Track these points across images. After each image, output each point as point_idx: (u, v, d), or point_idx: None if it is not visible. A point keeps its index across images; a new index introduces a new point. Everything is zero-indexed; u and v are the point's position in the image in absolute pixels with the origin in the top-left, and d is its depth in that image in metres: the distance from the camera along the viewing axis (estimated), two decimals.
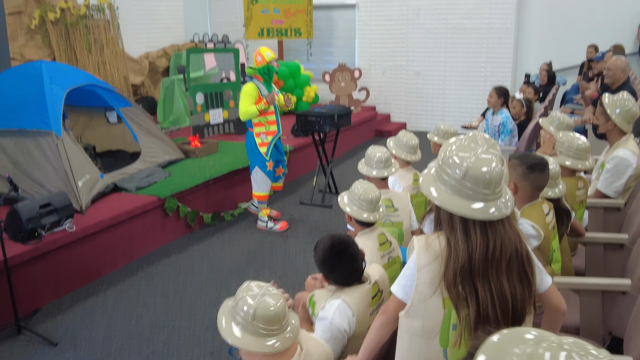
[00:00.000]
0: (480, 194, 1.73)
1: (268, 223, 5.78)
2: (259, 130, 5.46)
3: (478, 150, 1.77)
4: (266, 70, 5.37)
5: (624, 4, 9.27)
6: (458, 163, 1.74)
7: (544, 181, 2.73)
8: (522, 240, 1.84)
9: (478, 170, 1.72)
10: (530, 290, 1.83)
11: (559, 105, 8.97)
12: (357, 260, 2.46)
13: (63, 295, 4.43)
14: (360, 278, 2.49)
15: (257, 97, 5.32)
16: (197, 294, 4.46)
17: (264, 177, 5.59)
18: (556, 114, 4.10)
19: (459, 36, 10.06)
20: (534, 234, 2.61)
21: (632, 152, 3.71)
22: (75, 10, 8.15)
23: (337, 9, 11.08)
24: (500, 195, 1.77)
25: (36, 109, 5.17)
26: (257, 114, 5.32)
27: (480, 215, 1.73)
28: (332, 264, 2.44)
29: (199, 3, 12.04)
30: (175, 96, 8.88)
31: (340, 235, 2.51)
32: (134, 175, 5.67)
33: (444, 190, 1.78)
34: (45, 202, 4.39)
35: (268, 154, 5.50)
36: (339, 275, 2.46)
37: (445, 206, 1.77)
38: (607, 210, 3.69)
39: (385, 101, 10.99)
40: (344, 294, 2.41)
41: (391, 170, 3.62)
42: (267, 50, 5.44)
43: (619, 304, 2.71)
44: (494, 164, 1.74)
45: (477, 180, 1.72)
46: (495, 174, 1.73)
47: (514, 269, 1.80)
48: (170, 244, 5.46)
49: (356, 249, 2.48)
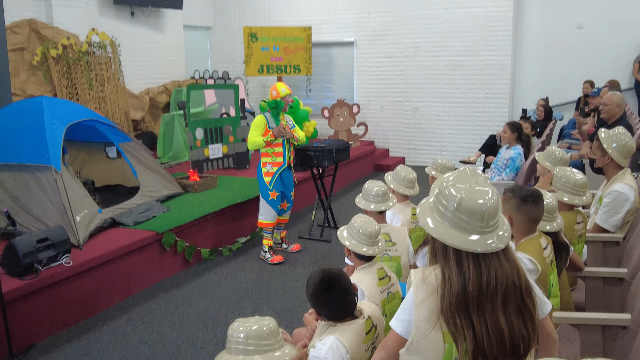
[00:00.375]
0: (475, 227, 1.73)
1: (266, 254, 5.82)
2: (266, 160, 5.68)
3: (473, 183, 1.78)
4: (274, 104, 5.63)
5: (620, 40, 9.42)
6: (454, 194, 1.76)
7: (538, 213, 2.73)
8: (520, 272, 1.82)
9: (473, 202, 1.73)
10: (532, 322, 1.80)
11: (557, 140, 9.02)
12: (349, 295, 2.42)
13: (59, 331, 4.38)
14: (352, 313, 2.45)
15: (265, 129, 5.56)
16: (193, 330, 4.41)
17: (266, 206, 5.71)
18: (552, 148, 4.12)
19: (456, 73, 10.19)
20: (532, 268, 2.60)
21: (630, 187, 3.72)
22: (77, 47, 8.27)
23: (335, 47, 11.25)
24: (496, 228, 1.77)
25: (36, 143, 5.20)
26: (263, 144, 5.55)
27: (471, 247, 1.73)
28: (323, 299, 2.40)
29: (200, 40, 12.23)
30: (175, 131, 8.94)
31: (332, 269, 2.47)
32: (132, 210, 5.67)
33: (440, 221, 1.79)
34: (43, 236, 4.38)
35: (272, 184, 5.64)
36: (330, 310, 2.42)
37: (440, 237, 1.77)
38: (606, 245, 3.67)
39: (384, 136, 11.06)
40: (337, 331, 2.37)
41: (388, 205, 3.62)
42: (283, 86, 5.73)
43: (620, 339, 2.68)
44: (488, 196, 1.75)
45: (471, 212, 1.73)
46: (490, 207, 1.73)
47: (511, 303, 1.78)
48: (167, 279, 5.42)
49: (348, 283, 2.44)
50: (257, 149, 5.64)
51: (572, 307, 3.17)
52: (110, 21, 9.55)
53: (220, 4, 12.17)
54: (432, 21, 10.20)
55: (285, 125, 5.64)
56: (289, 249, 6.07)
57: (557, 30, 9.86)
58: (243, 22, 11.85)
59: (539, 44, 10.03)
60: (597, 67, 9.56)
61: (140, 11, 10.14)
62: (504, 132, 6.23)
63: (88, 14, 9.06)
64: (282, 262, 5.78)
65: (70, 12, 8.68)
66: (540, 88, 10.00)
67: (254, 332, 2.01)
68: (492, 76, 9.94)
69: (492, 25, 9.77)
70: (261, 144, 5.55)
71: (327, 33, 11.17)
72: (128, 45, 9.76)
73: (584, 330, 2.70)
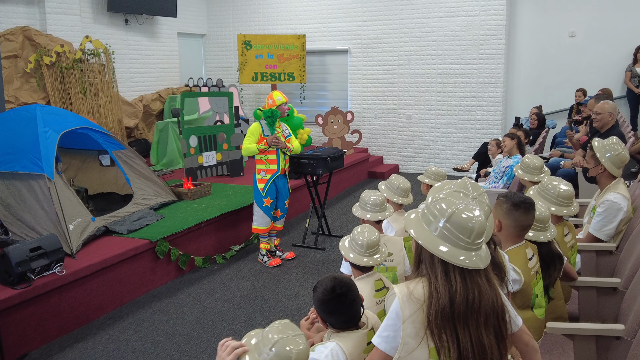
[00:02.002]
0: (460, 241, 1.74)
1: (264, 257, 5.93)
2: (260, 167, 5.77)
3: (466, 199, 1.80)
4: (270, 113, 5.69)
5: (611, 48, 9.49)
6: (444, 208, 1.77)
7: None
8: (499, 296, 1.83)
9: (462, 217, 1.74)
10: (505, 347, 1.82)
11: (549, 148, 9.07)
12: (357, 305, 2.41)
13: (51, 340, 4.35)
14: (357, 323, 2.45)
15: (260, 137, 5.65)
16: (187, 339, 4.39)
17: (260, 212, 5.78)
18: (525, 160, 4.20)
19: (449, 81, 10.24)
20: (516, 278, 2.60)
21: (623, 196, 3.75)
22: (71, 54, 8.26)
23: (329, 54, 11.28)
24: (480, 249, 1.79)
25: (29, 152, 5.18)
26: (256, 152, 5.64)
27: (458, 260, 1.73)
28: (332, 307, 2.37)
29: (194, 47, 12.24)
30: (169, 139, 8.93)
31: (343, 277, 2.46)
32: (126, 218, 5.65)
33: (427, 230, 1.79)
34: (36, 245, 4.35)
35: (265, 191, 5.71)
36: (337, 319, 2.40)
37: (425, 244, 1.77)
38: (600, 254, 3.69)
39: (378, 143, 11.09)
40: (338, 337, 2.37)
41: (385, 214, 3.62)
42: (279, 95, 5.81)
43: (613, 349, 2.69)
44: (477, 214, 1.76)
45: (460, 227, 1.74)
46: (478, 225, 1.75)
47: (491, 324, 1.79)
48: (161, 287, 5.40)
49: (357, 293, 2.42)
50: (250, 155, 5.73)
51: (566, 318, 3.18)
52: (104, 29, 9.55)
53: (215, 12, 12.19)
54: (425, 30, 10.26)
55: (280, 134, 5.68)
56: (283, 256, 6.08)
57: (549, 39, 9.93)
58: (237, 29, 11.88)
59: (532, 53, 10.10)
60: (590, 76, 9.63)
61: (134, 19, 10.14)
62: (503, 141, 6.32)
63: (82, 22, 9.06)
64: (280, 265, 5.88)
65: (64, 19, 8.68)
66: (533, 96, 10.06)
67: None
68: (485, 84, 9.99)
69: (485, 34, 9.83)
70: (254, 151, 5.63)
71: (321, 41, 11.21)
72: (122, 53, 9.76)
73: (578, 340, 2.70)
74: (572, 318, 3.34)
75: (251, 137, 5.66)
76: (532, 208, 2.73)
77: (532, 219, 2.75)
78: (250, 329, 4.51)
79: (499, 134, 9.68)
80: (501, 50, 9.80)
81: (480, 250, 1.79)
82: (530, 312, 2.71)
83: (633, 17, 9.31)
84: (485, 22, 9.79)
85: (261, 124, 5.72)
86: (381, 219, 3.63)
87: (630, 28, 9.30)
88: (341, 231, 6.93)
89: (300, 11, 11.32)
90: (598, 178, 3.96)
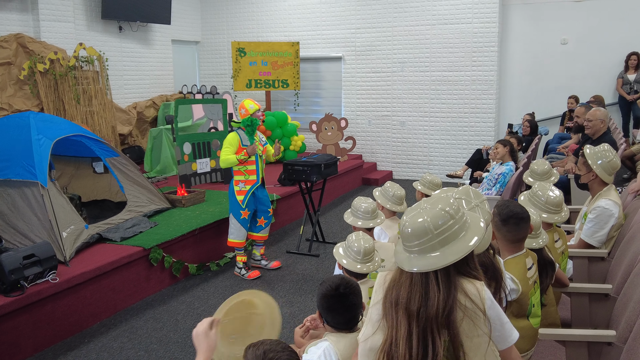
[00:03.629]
0: (408, 247, 1.82)
1: (241, 270, 5.79)
2: (238, 179, 5.59)
3: (424, 205, 1.85)
4: (249, 122, 5.55)
5: (603, 56, 9.57)
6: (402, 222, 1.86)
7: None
8: (448, 300, 1.80)
9: (406, 226, 1.83)
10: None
11: (542, 154, 9.12)
12: (356, 310, 2.43)
13: (44, 348, 4.33)
14: (352, 328, 2.46)
15: (238, 147, 5.49)
16: (181, 347, 4.38)
17: (237, 224, 5.65)
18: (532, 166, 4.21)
19: (442, 88, 10.29)
20: (513, 288, 2.60)
21: (614, 202, 3.78)
22: (65, 61, 8.26)
23: (323, 61, 11.32)
24: (419, 250, 1.80)
25: (23, 159, 5.17)
26: (236, 163, 5.47)
27: (404, 265, 1.81)
28: (331, 304, 2.41)
29: (188, 55, 12.26)
30: (162, 146, 8.93)
31: (351, 280, 2.49)
32: (119, 226, 5.64)
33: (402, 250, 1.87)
34: (29, 253, 4.34)
35: (244, 203, 5.58)
36: (334, 318, 2.43)
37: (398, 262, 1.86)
38: (591, 260, 3.72)
39: (372, 150, 11.12)
40: (332, 338, 2.39)
41: (377, 221, 3.64)
42: (251, 102, 5.61)
43: (605, 355, 2.71)
44: (421, 219, 1.79)
45: (404, 235, 1.82)
46: (416, 228, 1.79)
47: (441, 326, 1.78)
48: (154, 295, 5.39)
49: (360, 299, 2.45)
50: (229, 167, 5.55)
51: (558, 324, 3.19)
52: (98, 36, 9.56)
53: (209, 19, 12.22)
54: (418, 37, 10.31)
55: (258, 142, 5.61)
56: (269, 265, 5.98)
57: (542, 46, 10.01)
58: (231, 37, 11.90)
59: (524, 60, 10.17)
60: (582, 83, 9.71)
61: (128, 26, 10.15)
62: (495, 148, 6.31)
63: (76, 29, 9.06)
64: (259, 276, 5.76)
65: (58, 26, 8.68)
66: (525, 103, 10.13)
67: None
68: (478, 91, 10.04)
69: (478, 42, 9.89)
70: (234, 162, 5.46)
71: (315, 48, 11.25)
72: (116, 60, 9.77)
73: (570, 346, 2.72)
74: (564, 324, 3.35)
75: (230, 148, 5.47)
76: (522, 221, 2.70)
77: (524, 231, 2.73)
78: None
79: (492, 140, 9.73)
80: (494, 57, 9.86)
81: (416, 253, 1.81)
82: (526, 321, 2.72)
83: (624, 25, 9.40)
84: (478, 30, 9.86)
85: (239, 134, 5.55)
86: (372, 227, 3.65)
87: (622, 36, 9.39)
88: (335, 238, 6.94)
89: (294, 18, 11.37)
90: (590, 185, 3.99)
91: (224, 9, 12.03)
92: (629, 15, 9.35)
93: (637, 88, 9.18)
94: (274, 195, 7.21)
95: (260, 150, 5.63)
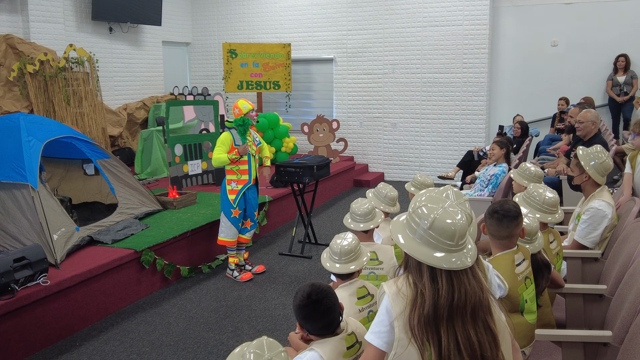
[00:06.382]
0: (444, 245, 1.79)
1: (234, 272, 5.78)
2: (231, 178, 5.60)
3: (446, 204, 1.84)
4: (242, 122, 5.54)
5: (593, 58, 9.64)
6: (426, 214, 1.81)
7: (502, 231, 2.74)
8: (484, 290, 1.87)
9: (444, 222, 1.79)
10: (495, 340, 1.84)
11: (533, 156, 9.16)
12: (333, 313, 2.41)
13: (35, 352, 4.28)
14: (334, 331, 2.45)
15: (231, 146, 5.49)
16: (173, 350, 4.35)
17: (228, 223, 5.65)
18: (526, 165, 4.21)
19: (433, 90, 10.32)
20: (498, 285, 2.62)
21: (607, 203, 3.79)
22: (55, 62, 8.19)
23: (314, 63, 11.31)
24: (463, 248, 1.83)
25: (13, 161, 5.11)
26: (227, 162, 5.48)
27: (443, 264, 1.78)
28: (307, 313, 2.39)
29: (179, 56, 12.21)
30: (153, 147, 8.87)
31: (321, 285, 2.47)
32: (110, 228, 5.59)
33: (411, 237, 1.84)
34: (20, 256, 4.29)
35: (235, 202, 5.58)
36: (313, 326, 2.41)
37: (411, 253, 1.82)
38: (585, 261, 3.73)
39: (363, 152, 11.12)
40: (317, 345, 2.38)
41: (377, 221, 3.64)
42: (245, 102, 5.60)
43: (601, 355, 2.71)
44: (458, 217, 1.81)
45: (441, 231, 1.79)
46: (459, 227, 1.80)
47: (479, 318, 1.83)
48: (146, 297, 5.35)
49: (334, 301, 2.43)
50: (221, 166, 5.55)
51: (553, 325, 3.20)
52: (88, 37, 9.50)
53: (199, 21, 12.18)
54: (409, 39, 10.33)
55: (252, 142, 5.60)
56: (253, 270, 5.92)
57: (532, 48, 10.06)
58: (222, 38, 11.87)
59: (515, 62, 10.22)
60: (572, 84, 9.77)
61: (118, 27, 10.09)
62: (492, 148, 6.32)
63: (66, 30, 9.00)
64: (252, 279, 5.74)
65: (47, 27, 8.61)
66: (516, 105, 10.17)
67: None
68: (469, 93, 10.08)
69: (469, 44, 9.93)
70: (226, 161, 5.46)
71: (306, 50, 11.24)
72: (106, 61, 9.70)
73: (566, 347, 2.72)
74: (559, 325, 3.36)
75: (222, 147, 5.47)
76: (505, 219, 2.71)
77: (504, 230, 2.73)
78: (237, 339, 4.50)
79: (483, 142, 9.77)
80: (484, 59, 9.90)
81: (465, 250, 1.83)
82: (521, 317, 2.72)
83: (613, 28, 9.47)
84: (468, 32, 9.90)
85: (232, 133, 5.56)
86: (372, 228, 3.65)
87: (611, 38, 9.46)
88: (328, 239, 6.92)
89: (286, 20, 11.36)
90: (583, 186, 4.01)
91: (215, 10, 12.00)
92: (618, 17, 9.42)
93: (626, 90, 9.25)
94: (267, 197, 7.19)
95: (254, 150, 5.61)
